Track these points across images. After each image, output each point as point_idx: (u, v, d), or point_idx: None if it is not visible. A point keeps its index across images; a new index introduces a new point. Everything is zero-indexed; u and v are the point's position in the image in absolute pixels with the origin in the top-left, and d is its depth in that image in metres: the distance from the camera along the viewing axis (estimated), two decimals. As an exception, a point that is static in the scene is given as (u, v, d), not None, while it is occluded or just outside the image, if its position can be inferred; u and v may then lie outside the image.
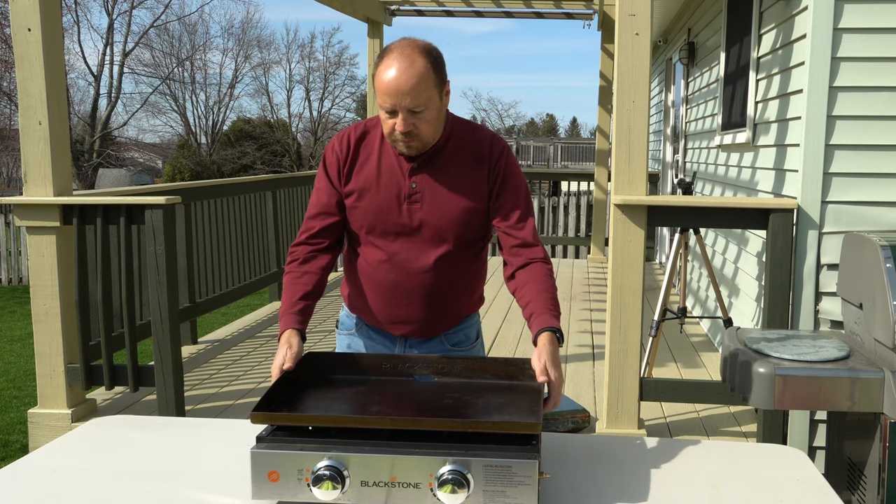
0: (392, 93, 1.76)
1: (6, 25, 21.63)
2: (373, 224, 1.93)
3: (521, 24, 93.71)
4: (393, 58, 1.77)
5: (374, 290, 1.97)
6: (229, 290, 5.47)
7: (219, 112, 35.30)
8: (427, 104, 1.80)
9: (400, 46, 1.80)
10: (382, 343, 2.05)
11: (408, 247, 1.93)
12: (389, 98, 1.77)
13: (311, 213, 2.00)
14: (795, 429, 3.42)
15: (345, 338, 2.11)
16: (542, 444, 1.52)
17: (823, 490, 1.54)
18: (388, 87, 1.77)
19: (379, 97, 1.80)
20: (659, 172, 9.09)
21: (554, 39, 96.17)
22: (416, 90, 1.77)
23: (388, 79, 1.76)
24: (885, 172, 3.33)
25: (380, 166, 1.92)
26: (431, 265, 1.93)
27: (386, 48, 1.82)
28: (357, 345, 2.08)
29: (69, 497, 1.50)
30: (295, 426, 1.48)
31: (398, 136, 1.83)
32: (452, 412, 1.54)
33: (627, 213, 3.38)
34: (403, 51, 1.78)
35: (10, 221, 11.74)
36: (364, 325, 2.06)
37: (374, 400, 1.62)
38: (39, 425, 3.74)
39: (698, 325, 5.81)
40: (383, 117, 1.83)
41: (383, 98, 1.79)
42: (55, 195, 3.65)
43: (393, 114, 1.80)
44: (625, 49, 3.33)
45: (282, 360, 1.70)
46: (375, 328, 2.05)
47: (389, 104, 1.78)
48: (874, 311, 2.70)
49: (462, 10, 8.61)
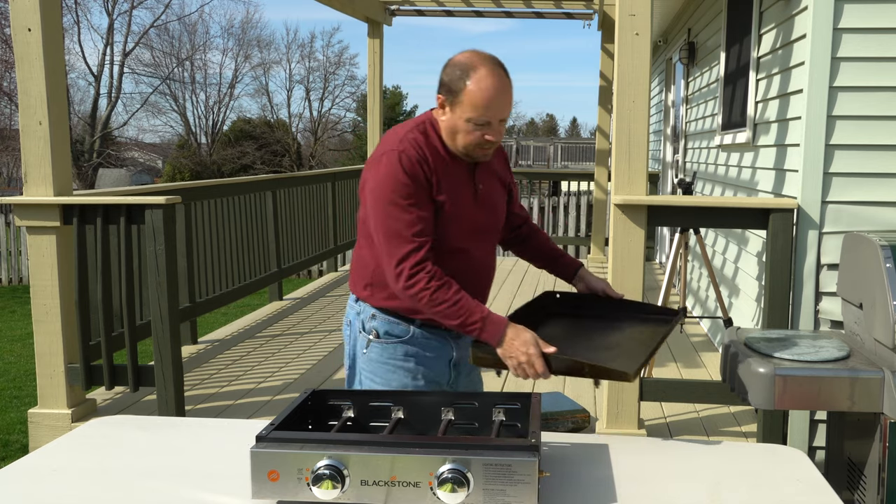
0: (493, 107, 1.91)
1: (6, 25, 21.64)
2: (455, 229, 2.01)
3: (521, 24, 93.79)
4: (486, 74, 1.90)
5: None
6: (229, 290, 5.47)
7: (219, 112, 35.32)
8: (509, 113, 1.98)
9: (486, 63, 1.92)
10: (438, 342, 2.11)
11: (479, 244, 2.09)
12: (488, 112, 1.92)
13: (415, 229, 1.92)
14: (795, 429, 3.42)
15: (399, 346, 2.08)
16: (541, 443, 1.52)
17: (823, 490, 1.54)
18: (489, 102, 1.91)
19: (473, 111, 1.91)
20: (659, 172, 9.09)
21: (554, 39, 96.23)
22: (509, 103, 1.96)
23: (490, 95, 1.90)
24: (885, 172, 3.33)
25: (452, 173, 2.01)
26: (493, 258, 2.17)
27: (467, 64, 1.92)
28: (413, 351, 2.08)
29: (69, 497, 1.50)
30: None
31: (484, 145, 1.97)
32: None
33: (627, 213, 3.38)
34: (493, 68, 1.92)
35: (11, 221, 11.74)
36: (417, 329, 2.08)
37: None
38: (39, 425, 3.75)
39: (698, 325, 5.81)
40: (467, 128, 1.94)
41: (480, 112, 1.91)
42: (55, 195, 3.65)
43: (485, 125, 1.94)
44: (625, 49, 3.33)
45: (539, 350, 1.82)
46: (429, 328, 2.08)
47: (487, 117, 1.92)
48: (874, 311, 2.70)
49: (462, 10, 8.61)
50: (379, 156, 1.97)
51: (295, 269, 6.80)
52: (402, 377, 2.07)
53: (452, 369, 2.15)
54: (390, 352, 2.08)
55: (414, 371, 2.08)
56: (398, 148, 1.94)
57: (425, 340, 2.09)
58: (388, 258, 1.93)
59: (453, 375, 2.15)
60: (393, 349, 2.08)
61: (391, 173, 1.92)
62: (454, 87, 1.92)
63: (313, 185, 7.30)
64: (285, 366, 4.72)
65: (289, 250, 6.64)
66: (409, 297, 1.91)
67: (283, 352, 5.04)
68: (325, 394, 1.72)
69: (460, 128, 1.95)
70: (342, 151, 37.27)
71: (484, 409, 1.69)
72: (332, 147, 37.68)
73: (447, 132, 1.99)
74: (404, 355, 2.08)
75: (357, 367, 2.13)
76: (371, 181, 1.97)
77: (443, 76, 1.97)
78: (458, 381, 2.18)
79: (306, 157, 34.98)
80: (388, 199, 1.92)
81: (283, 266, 6.48)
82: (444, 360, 2.13)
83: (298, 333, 5.53)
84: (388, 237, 1.92)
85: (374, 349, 2.09)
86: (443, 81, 1.96)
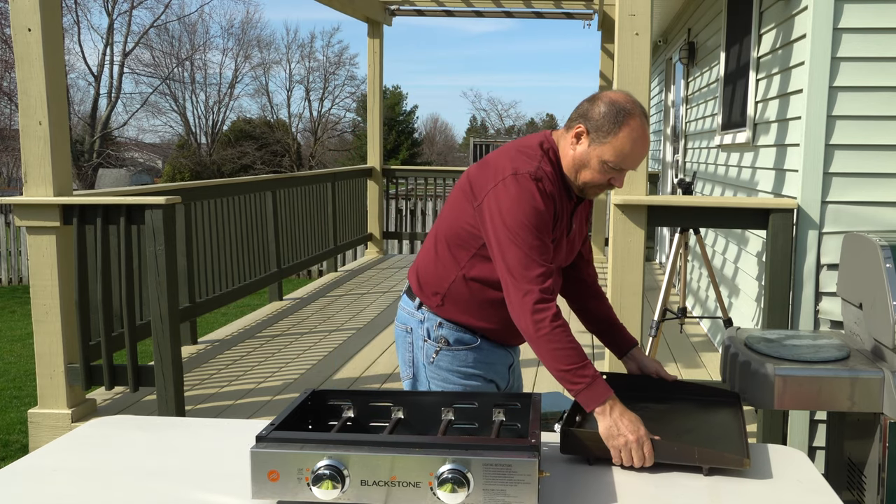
0: (636, 158, 1.90)
1: (6, 25, 21.64)
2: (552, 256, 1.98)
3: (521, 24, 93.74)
4: (639, 125, 1.88)
5: None
6: (229, 290, 5.47)
7: (219, 112, 35.34)
8: None
9: (641, 115, 1.90)
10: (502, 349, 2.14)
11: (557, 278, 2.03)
12: (629, 162, 1.90)
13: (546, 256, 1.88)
14: (795, 429, 3.42)
15: (469, 353, 2.08)
16: (541, 443, 1.52)
17: (823, 490, 1.55)
18: (634, 154, 1.89)
19: (615, 157, 1.88)
20: (659, 172, 9.09)
21: (554, 39, 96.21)
22: (645, 156, 1.98)
23: (637, 147, 1.89)
24: (885, 172, 3.33)
25: (564, 209, 1.98)
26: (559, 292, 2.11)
27: (625, 110, 1.88)
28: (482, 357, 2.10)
29: (69, 497, 1.50)
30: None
31: (606, 188, 1.96)
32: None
33: (627, 213, 3.38)
34: (644, 121, 1.90)
35: (11, 221, 11.74)
36: (485, 339, 2.09)
37: None
38: (39, 425, 3.75)
39: (698, 325, 5.81)
40: (599, 168, 1.91)
41: (623, 160, 1.89)
42: (55, 195, 3.65)
43: (617, 172, 1.92)
44: (625, 49, 3.33)
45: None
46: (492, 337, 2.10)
47: (626, 166, 1.90)
48: (874, 311, 2.70)
49: (462, 10, 8.62)
50: (510, 175, 1.88)
51: (295, 269, 6.80)
52: (473, 383, 2.08)
53: (511, 374, 2.19)
54: (461, 359, 2.07)
55: (484, 377, 2.10)
56: (535, 174, 1.88)
57: (490, 348, 2.10)
58: (516, 279, 1.84)
59: (511, 380, 2.20)
60: (464, 356, 2.07)
61: (528, 199, 1.85)
62: (605, 127, 1.87)
63: (313, 185, 7.31)
64: (285, 366, 4.72)
65: (289, 250, 6.64)
66: (531, 321, 1.80)
67: (283, 352, 5.04)
68: (325, 394, 1.72)
69: (592, 165, 1.90)
70: (342, 151, 37.30)
71: (484, 410, 1.69)
72: (332, 147, 37.71)
73: (573, 163, 1.93)
74: (474, 362, 2.08)
75: (423, 376, 2.11)
76: (504, 200, 1.87)
77: (593, 109, 1.90)
78: (514, 384, 2.23)
79: (306, 158, 34.99)
80: (523, 224, 1.85)
81: (283, 266, 6.48)
82: (505, 366, 2.15)
83: (298, 333, 5.53)
84: (519, 258, 1.84)
85: (443, 358, 2.07)
86: (591, 115, 1.90)
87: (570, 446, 1.63)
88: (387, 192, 9.39)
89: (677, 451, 1.59)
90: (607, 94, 1.92)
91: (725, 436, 1.73)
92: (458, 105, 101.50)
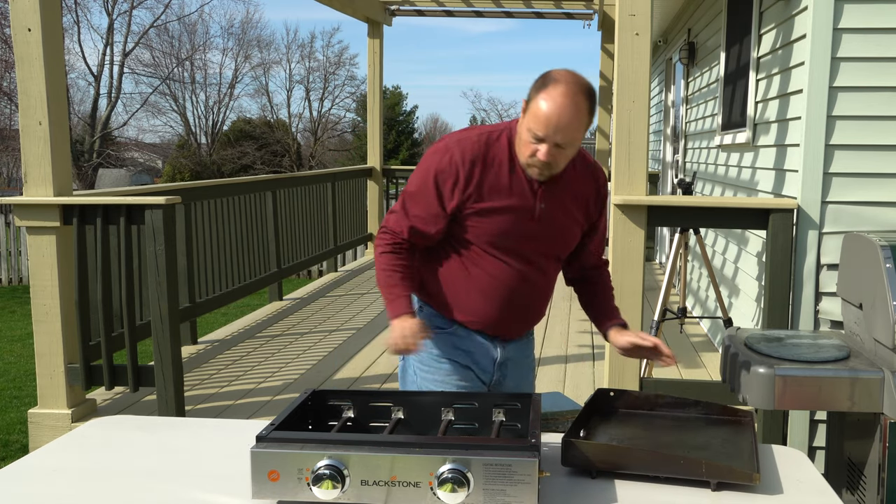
0: (548, 126, 1.85)
1: (6, 25, 21.64)
2: (498, 238, 2.00)
3: (521, 24, 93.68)
4: (559, 93, 1.84)
5: (487, 299, 2.05)
6: (229, 290, 5.47)
7: (219, 112, 35.32)
8: (572, 142, 1.90)
9: (567, 82, 1.86)
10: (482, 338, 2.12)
11: (526, 264, 2.05)
12: (542, 129, 1.86)
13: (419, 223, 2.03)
14: (795, 429, 3.42)
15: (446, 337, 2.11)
16: (541, 443, 1.52)
17: (823, 490, 1.54)
18: (545, 119, 1.84)
19: (531, 122, 1.87)
20: (659, 172, 9.09)
21: (554, 40, 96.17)
22: (569, 129, 1.86)
23: (548, 112, 1.84)
24: (885, 172, 3.33)
25: (511, 182, 1.97)
26: (545, 282, 2.11)
27: (552, 77, 1.87)
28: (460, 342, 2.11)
29: (69, 497, 1.50)
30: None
31: (535, 163, 1.92)
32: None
33: (627, 213, 3.38)
34: (570, 87, 1.85)
35: (10, 221, 11.74)
36: (457, 324, 2.11)
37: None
38: (39, 425, 3.75)
39: (698, 325, 5.81)
40: (527, 138, 1.90)
41: (537, 126, 1.86)
42: (55, 195, 3.65)
43: (540, 141, 1.88)
44: (625, 49, 3.33)
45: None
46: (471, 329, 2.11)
47: (541, 133, 1.86)
48: (874, 311, 2.70)
49: (462, 10, 8.62)
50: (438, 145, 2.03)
51: (295, 270, 6.80)
52: (445, 366, 2.10)
53: (497, 370, 2.16)
54: (439, 343, 2.10)
55: (459, 362, 2.10)
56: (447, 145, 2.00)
57: (468, 335, 2.11)
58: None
59: (497, 376, 2.16)
60: (441, 340, 2.10)
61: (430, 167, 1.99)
62: (530, 94, 1.89)
63: (313, 185, 7.31)
64: (285, 366, 4.72)
65: (289, 250, 6.64)
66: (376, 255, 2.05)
67: (283, 352, 5.05)
68: (325, 394, 1.72)
69: (522, 136, 1.93)
70: (342, 151, 37.29)
71: (484, 410, 1.69)
72: (332, 147, 37.70)
73: (517, 139, 1.97)
74: (452, 347, 2.11)
75: (408, 358, 2.16)
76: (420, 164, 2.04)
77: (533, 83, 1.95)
78: (504, 383, 2.18)
79: (306, 158, 34.99)
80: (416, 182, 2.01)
81: (283, 266, 6.48)
82: (488, 358, 2.14)
83: (298, 333, 5.53)
84: (394, 209, 2.06)
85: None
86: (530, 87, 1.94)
87: (572, 458, 1.59)
88: (387, 192, 9.39)
89: (684, 465, 1.56)
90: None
91: (736, 452, 1.70)
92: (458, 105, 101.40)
